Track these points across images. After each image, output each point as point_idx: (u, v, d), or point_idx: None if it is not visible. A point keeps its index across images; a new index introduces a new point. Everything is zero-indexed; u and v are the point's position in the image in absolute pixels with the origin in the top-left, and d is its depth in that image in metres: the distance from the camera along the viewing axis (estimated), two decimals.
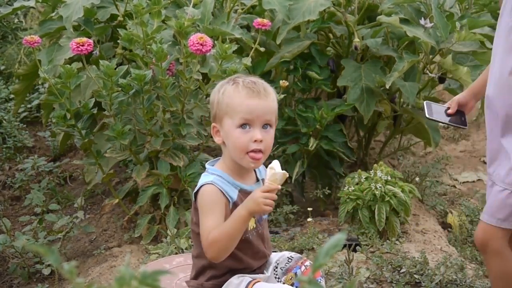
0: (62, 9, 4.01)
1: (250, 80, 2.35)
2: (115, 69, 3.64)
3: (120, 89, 3.70)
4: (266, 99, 2.33)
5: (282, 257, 2.52)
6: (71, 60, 4.01)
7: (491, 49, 4.17)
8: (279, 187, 2.22)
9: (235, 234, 2.24)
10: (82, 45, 3.55)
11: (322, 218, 4.30)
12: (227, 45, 3.56)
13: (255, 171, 2.44)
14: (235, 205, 2.30)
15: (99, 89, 3.72)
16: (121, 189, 4.12)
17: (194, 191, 2.35)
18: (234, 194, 2.32)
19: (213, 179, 2.31)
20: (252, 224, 2.37)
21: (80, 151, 5.15)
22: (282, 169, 2.25)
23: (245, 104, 2.29)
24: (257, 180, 2.44)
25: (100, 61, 3.65)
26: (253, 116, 2.30)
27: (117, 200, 4.01)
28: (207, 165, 2.40)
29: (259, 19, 3.90)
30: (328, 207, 4.50)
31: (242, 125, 2.29)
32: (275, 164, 2.22)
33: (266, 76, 4.35)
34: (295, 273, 2.47)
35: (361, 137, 4.82)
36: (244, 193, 2.33)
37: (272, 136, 2.36)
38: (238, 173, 2.36)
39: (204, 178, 2.34)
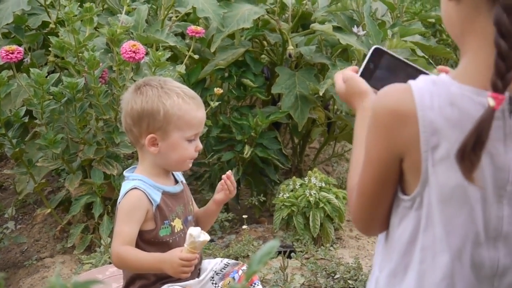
0: None
1: (186, 88, 2.37)
2: (47, 77, 3.58)
3: (51, 97, 3.65)
4: (204, 107, 2.39)
5: (218, 263, 2.53)
6: (1, 68, 3.94)
7: (421, 56, 4.27)
8: (197, 255, 2.23)
9: (140, 269, 2.33)
10: (12, 53, 3.49)
11: (257, 225, 4.31)
12: (160, 53, 3.54)
13: (172, 173, 2.46)
14: (159, 207, 2.32)
15: (30, 98, 3.66)
16: (54, 199, 4.06)
17: (119, 201, 2.33)
18: (157, 197, 2.33)
19: (135, 183, 2.31)
20: (179, 225, 2.38)
21: (11, 160, 5.06)
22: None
23: (197, 117, 2.34)
24: (176, 181, 2.45)
25: (31, 69, 3.59)
26: (200, 128, 2.37)
27: (49, 210, 3.95)
28: (125, 173, 2.40)
29: (193, 27, 3.89)
30: (263, 214, 4.50)
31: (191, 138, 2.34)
32: (194, 230, 2.21)
33: (200, 83, 4.34)
34: (233, 278, 2.48)
35: (295, 144, 4.84)
36: (168, 195, 2.37)
37: None
38: (159, 176, 2.37)
39: (126, 185, 2.34)
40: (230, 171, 2.52)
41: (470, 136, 1.22)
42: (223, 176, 2.47)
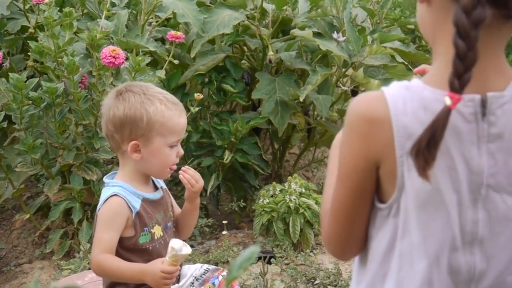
0: None
1: (168, 94, 2.36)
2: (26, 81, 3.56)
3: (31, 102, 3.63)
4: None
5: (198, 269, 2.53)
6: None
7: (401, 62, 4.29)
8: (179, 268, 2.27)
9: (121, 279, 2.32)
10: None
11: (237, 231, 4.31)
12: (140, 58, 3.53)
13: (152, 179, 2.45)
14: (139, 214, 2.31)
15: (9, 102, 3.64)
16: (33, 204, 4.03)
17: (98, 207, 2.32)
18: (137, 204, 2.32)
19: (115, 190, 2.30)
20: (159, 232, 2.37)
21: None
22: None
23: (180, 123, 2.34)
24: (156, 188, 2.44)
25: (10, 74, 3.57)
26: (182, 134, 2.37)
27: (28, 215, 3.93)
28: (105, 180, 2.38)
29: (173, 32, 3.89)
30: (243, 220, 4.50)
31: (173, 144, 2.33)
32: (176, 243, 2.22)
33: (181, 89, 4.34)
34: (213, 283, 2.48)
35: (275, 150, 4.85)
36: (147, 202, 2.36)
37: None
38: (139, 182, 2.36)
39: (106, 192, 2.33)
40: (185, 166, 2.49)
41: (425, 133, 1.23)
42: (180, 172, 2.44)
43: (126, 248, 2.31)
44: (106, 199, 2.30)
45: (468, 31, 1.19)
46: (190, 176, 2.42)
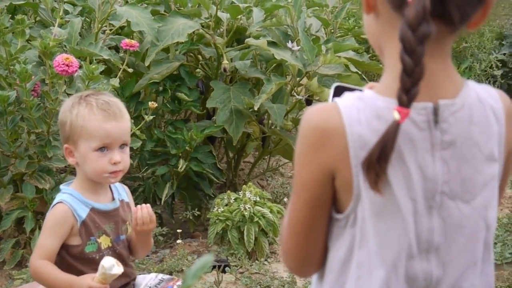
0: None
1: (104, 101, 2.32)
2: None
3: None
4: (122, 120, 2.34)
5: (153, 279, 2.52)
6: None
7: (355, 72, 4.32)
8: (108, 286, 2.22)
9: (51, 286, 2.31)
10: None
11: (191, 240, 4.29)
12: (94, 66, 3.51)
13: (111, 189, 2.42)
14: (84, 223, 2.31)
15: None
16: None
17: (48, 213, 2.32)
18: (83, 213, 2.32)
19: (63, 197, 2.32)
20: (107, 243, 2.36)
21: None
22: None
23: (102, 128, 2.29)
24: (113, 198, 2.42)
25: None
26: (111, 139, 2.31)
27: None
28: (61, 186, 2.39)
29: (127, 40, 3.87)
30: (197, 229, 4.49)
31: (100, 149, 2.29)
32: (108, 261, 2.18)
33: (135, 97, 4.32)
34: None
35: (230, 158, 4.85)
36: (96, 212, 2.35)
37: (128, 154, 2.39)
38: (92, 191, 2.35)
39: (56, 198, 2.35)
40: (147, 204, 2.40)
41: (375, 148, 1.24)
42: (137, 206, 2.37)
43: (73, 256, 2.31)
44: (53, 206, 2.30)
45: (414, 47, 1.20)
46: (142, 215, 2.34)
